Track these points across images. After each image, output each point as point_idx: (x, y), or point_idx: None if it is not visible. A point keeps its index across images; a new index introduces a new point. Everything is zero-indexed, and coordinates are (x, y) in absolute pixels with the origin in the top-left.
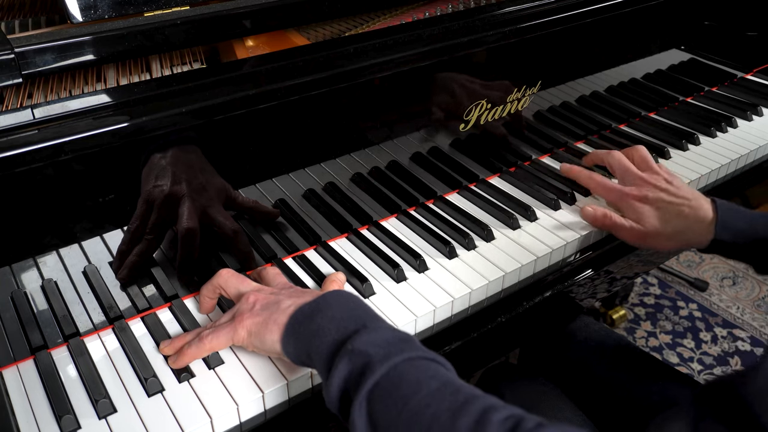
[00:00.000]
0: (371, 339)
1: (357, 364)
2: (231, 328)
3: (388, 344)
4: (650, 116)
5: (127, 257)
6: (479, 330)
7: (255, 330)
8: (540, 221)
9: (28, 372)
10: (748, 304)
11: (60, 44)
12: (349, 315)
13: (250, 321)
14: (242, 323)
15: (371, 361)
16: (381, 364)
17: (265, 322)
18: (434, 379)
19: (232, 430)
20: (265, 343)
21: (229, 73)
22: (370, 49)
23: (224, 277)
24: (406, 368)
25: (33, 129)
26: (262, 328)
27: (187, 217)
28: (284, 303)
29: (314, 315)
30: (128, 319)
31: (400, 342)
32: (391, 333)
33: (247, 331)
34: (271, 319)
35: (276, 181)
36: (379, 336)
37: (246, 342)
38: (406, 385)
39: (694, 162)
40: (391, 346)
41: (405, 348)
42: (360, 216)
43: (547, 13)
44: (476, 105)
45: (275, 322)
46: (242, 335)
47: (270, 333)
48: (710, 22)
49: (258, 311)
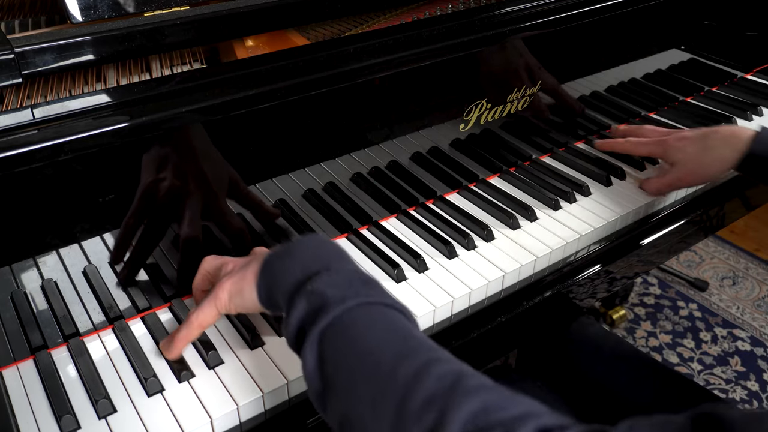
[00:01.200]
0: (332, 280)
1: (314, 304)
2: (213, 296)
3: (348, 286)
4: (650, 116)
5: (124, 254)
6: (479, 330)
7: (234, 288)
8: (540, 221)
9: (28, 372)
10: (748, 304)
11: (60, 44)
12: (315, 255)
13: (228, 282)
14: (221, 287)
15: (327, 303)
16: (336, 305)
17: (243, 275)
18: (385, 324)
19: (232, 430)
20: (244, 295)
21: (229, 73)
22: (370, 49)
23: (208, 261)
24: (361, 312)
25: (33, 129)
26: (240, 282)
27: (188, 219)
28: (260, 256)
29: (283, 257)
30: (128, 319)
31: (362, 285)
32: (355, 275)
33: (228, 292)
34: (248, 270)
35: (276, 181)
36: (341, 278)
37: (228, 304)
38: (356, 328)
39: None
40: (351, 288)
41: (363, 292)
42: (360, 216)
43: (547, 13)
44: (476, 105)
45: (252, 271)
46: (223, 298)
47: (247, 283)
48: (710, 22)
49: (236, 271)
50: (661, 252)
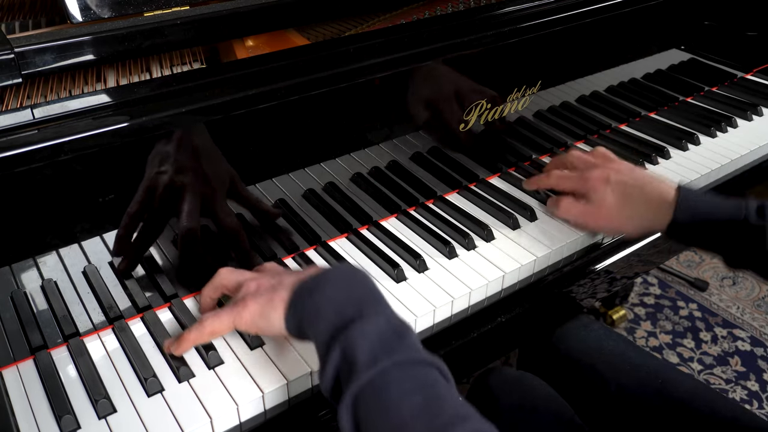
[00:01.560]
0: (365, 332)
1: (349, 358)
2: (234, 311)
3: (380, 341)
4: (650, 116)
5: (124, 251)
6: (479, 330)
7: (259, 311)
8: (540, 221)
9: (28, 372)
10: (748, 304)
11: (60, 44)
12: (347, 297)
13: (253, 303)
14: (246, 306)
15: (360, 361)
16: (368, 367)
17: (270, 301)
18: (419, 392)
19: (232, 430)
20: (272, 321)
21: (229, 73)
22: (370, 49)
23: (223, 274)
24: (393, 375)
25: (33, 129)
26: (266, 307)
27: (187, 218)
28: (287, 281)
29: (314, 292)
30: (128, 319)
31: (394, 338)
32: (387, 324)
33: (251, 314)
34: (276, 297)
35: (276, 181)
36: (374, 329)
37: (250, 324)
38: (389, 395)
39: (694, 162)
40: (384, 344)
41: (396, 348)
42: (360, 216)
43: (547, 13)
44: (476, 105)
45: (280, 298)
46: (246, 318)
47: (275, 311)
48: (710, 22)
49: (261, 293)
50: (661, 252)
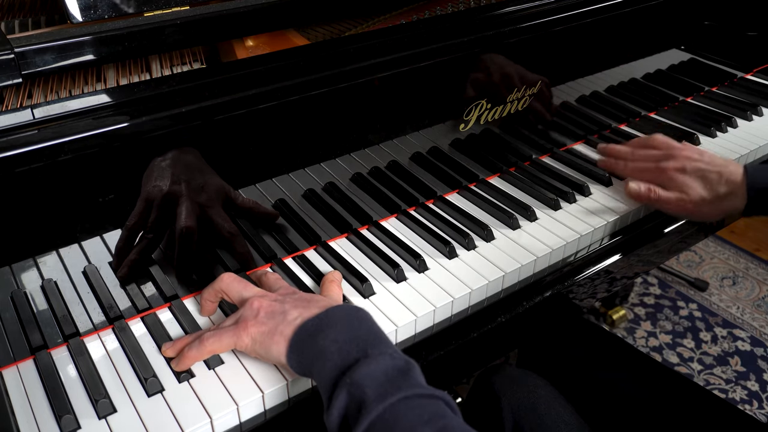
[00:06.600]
0: (370, 371)
1: (355, 397)
2: (234, 333)
3: (386, 379)
4: (650, 116)
5: (125, 255)
6: (479, 330)
7: (260, 339)
8: (540, 221)
9: (28, 372)
10: (748, 304)
11: (60, 44)
12: (351, 338)
13: (254, 329)
14: (246, 330)
15: (367, 399)
16: (377, 403)
17: (271, 333)
18: (429, 424)
19: (232, 430)
20: (271, 353)
21: (229, 73)
22: (370, 49)
23: (226, 282)
24: (401, 410)
25: (33, 129)
26: (267, 339)
27: (185, 216)
28: (290, 314)
29: (317, 334)
30: (128, 319)
31: (399, 376)
32: (391, 363)
33: (252, 339)
34: (277, 331)
35: (276, 181)
36: (379, 368)
37: (249, 349)
38: (400, 428)
39: None
40: (389, 381)
41: (402, 385)
42: (360, 216)
43: (547, 13)
44: (476, 105)
45: (281, 334)
46: (246, 342)
47: (276, 345)
48: (710, 22)
49: (263, 319)
50: (661, 252)
